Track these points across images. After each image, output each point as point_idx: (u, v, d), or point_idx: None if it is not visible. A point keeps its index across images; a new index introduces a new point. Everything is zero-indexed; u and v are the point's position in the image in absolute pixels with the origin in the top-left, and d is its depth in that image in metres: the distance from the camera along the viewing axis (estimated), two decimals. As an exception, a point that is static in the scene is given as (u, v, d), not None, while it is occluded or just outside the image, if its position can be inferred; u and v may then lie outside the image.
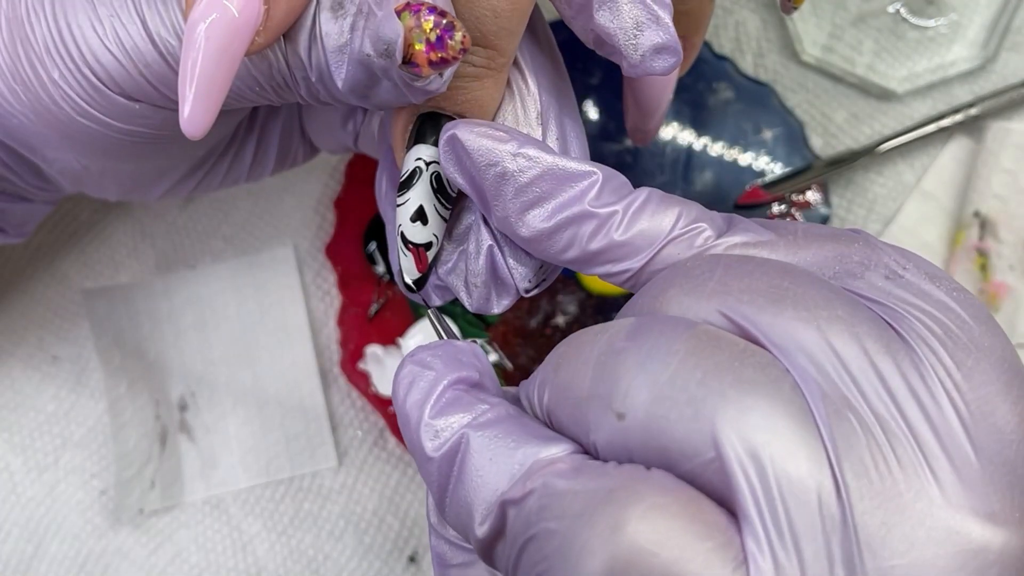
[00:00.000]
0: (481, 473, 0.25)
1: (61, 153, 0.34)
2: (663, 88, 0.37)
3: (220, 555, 0.47)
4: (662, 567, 0.21)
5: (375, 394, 0.47)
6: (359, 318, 0.48)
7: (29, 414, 0.48)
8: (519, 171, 0.28)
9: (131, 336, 0.48)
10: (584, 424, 0.24)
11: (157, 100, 0.31)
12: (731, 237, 0.27)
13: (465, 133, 0.28)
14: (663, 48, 0.29)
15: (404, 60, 0.26)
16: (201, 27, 0.26)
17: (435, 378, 0.27)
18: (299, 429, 0.48)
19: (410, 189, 0.30)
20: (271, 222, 0.50)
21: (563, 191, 0.28)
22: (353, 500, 0.48)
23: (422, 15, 0.26)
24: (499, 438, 0.25)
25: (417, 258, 0.30)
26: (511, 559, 0.24)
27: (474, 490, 0.25)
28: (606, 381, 0.24)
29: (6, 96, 0.32)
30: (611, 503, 0.22)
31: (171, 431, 0.48)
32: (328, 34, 0.27)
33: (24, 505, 0.47)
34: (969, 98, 0.50)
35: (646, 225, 0.27)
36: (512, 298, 0.31)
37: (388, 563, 0.47)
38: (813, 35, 0.50)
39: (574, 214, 0.27)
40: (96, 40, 0.29)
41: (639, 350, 0.24)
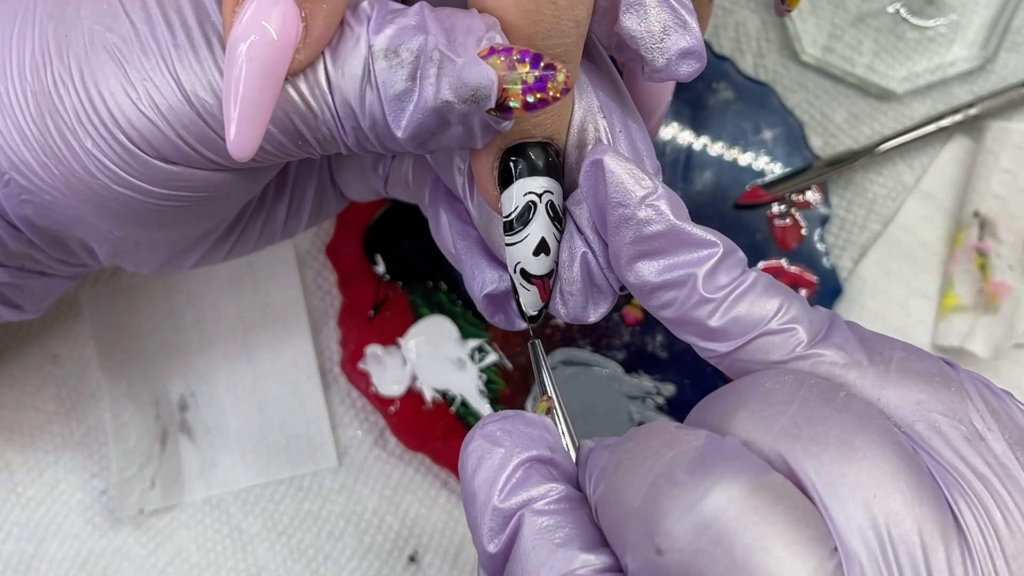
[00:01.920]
0: (523, 562, 0.26)
1: (95, 225, 0.33)
2: (663, 88, 0.37)
3: (220, 555, 0.47)
4: None
5: (375, 394, 0.47)
6: (359, 318, 0.48)
7: (30, 413, 0.48)
8: (645, 221, 0.27)
9: (131, 336, 0.48)
10: (623, 541, 0.24)
11: (195, 161, 0.30)
12: (823, 350, 0.26)
13: (612, 163, 0.28)
14: (689, 53, 0.29)
15: (496, 105, 0.26)
16: (242, 47, 0.26)
17: (504, 458, 0.27)
18: (299, 429, 0.48)
19: (529, 224, 0.29)
20: (271, 222, 0.50)
21: (680, 254, 0.27)
22: (353, 500, 0.48)
23: (514, 58, 0.26)
24: (548, 530, 0.26)
25: (542, 289, 0.30)
26: None
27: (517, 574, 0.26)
28: (656, 509, 0.24)
29: (37, 172, 0.31)
30: None
31: (171, 431, 0.48)
32: (385, 83, 0.27)
33: (24, 504, 0.47)
34: (969, 98, 0.50)
35: (743, 312, 0.27)
36: (610, 304, 0.31)
37: (388, 563, 0.47)
38: (813, 35, 0.50)
39: (681, 279, 0.27)
40: (129, 104, 0.29)
41: (694, 490, 0.23)
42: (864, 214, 0.50)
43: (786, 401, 0.25)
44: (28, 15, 0.30)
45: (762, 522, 0.22)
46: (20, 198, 0.32)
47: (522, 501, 0.26)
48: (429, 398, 0.47)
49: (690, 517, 0.23)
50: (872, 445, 0.24)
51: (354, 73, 0.27)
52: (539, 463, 0.27)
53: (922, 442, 0.24)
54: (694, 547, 0.23)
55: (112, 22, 0.29)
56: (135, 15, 0.29)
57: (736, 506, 0.23)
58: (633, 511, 0.24)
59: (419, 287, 0.48)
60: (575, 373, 0.48)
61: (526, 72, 0.26)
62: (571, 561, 0.25)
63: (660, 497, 0.24)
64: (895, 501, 0.23)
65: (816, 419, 0.24)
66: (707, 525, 0.23)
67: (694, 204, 0.49)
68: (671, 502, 0.23)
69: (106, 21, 0.29)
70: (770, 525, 0.22)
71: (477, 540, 0.27)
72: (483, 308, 0.33)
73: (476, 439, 0.28)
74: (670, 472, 0.24)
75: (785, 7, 0.34)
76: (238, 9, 0.26)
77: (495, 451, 0.27)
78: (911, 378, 0.26)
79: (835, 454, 0.23)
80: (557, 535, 0.26)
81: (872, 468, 0.23)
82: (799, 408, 0.24)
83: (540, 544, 0.26)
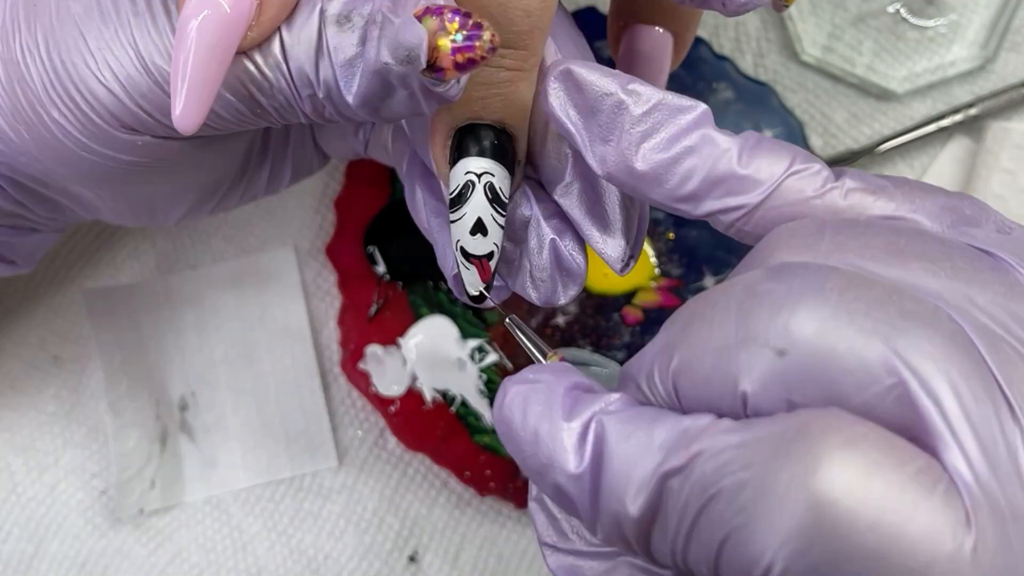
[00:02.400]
0: (624, 454, 0.23)
1: (71, 184, 0.33)
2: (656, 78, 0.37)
3: (220, 555, 0.47)
4: (878, 499, 0.20)
5: (375, 394, 0.47)
6: (359, 318, 0.48)
7: (30, 414, 0.48)
8: (634, 103, 0.27)
9: (132, 336, 0.48)
10: (731, 372, 0.22)
11: (156, 130, 0.30)
12: (849, 180, 0.26)
13: (579, 68, 0.28)
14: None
15: (428, 65, 0.26)
16: (193, 23, 0.26)
17: (550, 387, 0.25)
18: (299, 429, 0.48)
19: (465, 203, 0.30)
20: (271, 222, 0.50)
21: (677, 120, 0.27)
22: (353, 500, 0.48)
23: (445, 17, 0.26)
24: (634, 418, 0.24)
25: (480, 269, 0.30)
26: (682, 533, 0.22)
27: (620, 473, 0.23)
28: (758, 321, 0.22)
29: (10, 136, 0.31)
30: (806, 438, 0.21)
31: (171, 431, 0.48)
32: (337, 48, 0.27)
33: (24, 505, 0.47)
34: (969, 98, 0.50)
35: (764, 161, 0.27)
36: (579, 286, 0.31)
37: (388, 563, 0.47)
38: (813, 35, 0.50)
39: (694, 142, 0.27)
40: (90, 75, 0.29)
41: (790, 289, 0.22)
42: (864, 214, 0.50)
43: (818, 231, 0.25)
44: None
45: (869, 293, 0.22)
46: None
47: (590, 414, 0.24)
48: (429, 398, 0.47)
49: (804, 308, 0.22)
50: (916, 241, 0.24)
51: (309, 39, 0.27)
52: (583, 389, 0.26)
53: (962, 238, 0.25)
54: (817, 331, 0.22)
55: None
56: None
57: (839, 286, 0.22)
58: (732, 340, 0.23)
59: (419, 287, 0.48)
60: (575, 373, 0.48)
61: (455, 31, 0.26)
62: (680, 423, 0.23)
63: (756, 311, 0.23)
64: (962, 275, 0.23)
65: (855, 234, 0.24)
66: (821, 308, 0.22)
67: (694, 204, 0.49)
68: (772, 306, 0.22)
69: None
70: (876, 294, 0.22)
71: (556, 471, 0.24)
72: (452, 286, 0.33)
73: (511, 389, 0.26)
74: (752, 290, 0.23)
75: (783, 2, 0.34)
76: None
77: (538, 387, 0.25)
78: (934, 193, 0.26)
79: (889, 251, 0.23)
80: (644, 420, 0.23)
81: (927, 254, 0.23)
82: (833, 232, 0.24)
83: (635, 431, 0.23)
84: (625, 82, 0.28)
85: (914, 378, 0.21)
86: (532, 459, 0.25)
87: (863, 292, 0.22)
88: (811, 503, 0.20)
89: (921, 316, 0.22)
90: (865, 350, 0.21)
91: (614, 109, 0.27)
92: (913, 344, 0.21)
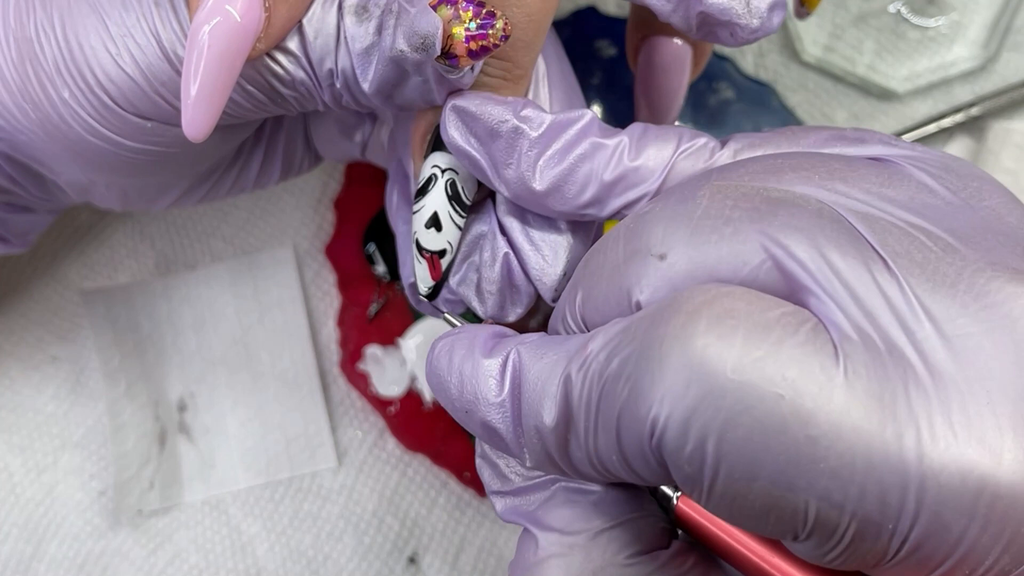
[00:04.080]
0: (538, 373, 0.25)
1: (68, 168, 0.34)
2: (676, 90, 0.38)
3: (219, 556, 0.47)
4: (743, 338, 0.21)
5: (375, 394, 0.47)
6: (359, 318, 0.48)
7: (28, 415, 0.48)
8: (529, 127, 0.28)
9: (130, 337, 0.48)
10: (624, 287, 0.24)
11: (170, 117, 0.31)
12: (733, 144, 0.28)
13: (470, 100, 0.29)
14: (776, 4, 0.31)
15: (442, 52, 0.27)
16: (205, 29, 0.26)
17: (471, 333, 0.27)
18: (299, 429, 0.48)
19: (425, 196, 0.30)
20: (271, 222, 0.50)
21: (565, 134, 0.28)
22: (353, 500, 0.48)
23: (460, 6, 0.27)
24: (546, 342, 0.26)
25: (431, 266, 0.31)
26: (589, 429, 0.24)
27: (535, 390, 0.25)
28: (640, 236, 0.25)
29: (14, 114, 0.32)
30: (676, 303, 0.22)
31: (170, 432, 0.48)
32: (354, 37, 0.28)
33: (23, 506, 0.47)
34: (970, 98, 0.50)
35: (652, 149, 0.28)
36: (526, 306, 0.32)
37: (388, 564, 0.47)
38: (814, 35, 0.50)
39: (585, 150, 0.28)
40: (109, 59, 0.29)
41: (665, 204, 0.25)
42: (865, 214, 0.50)
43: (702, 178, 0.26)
44: None
45: (736, 192, 0.24)
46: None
47: (509, 349, 0.26)
48: (428, 399, 0.47)
49: (677, 217, 0.24)
50: (794, 156, 0.26)
51: (328, 32, 0.28)
52: (502, 335, 0.27)
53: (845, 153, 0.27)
54: (691, 232, 0.24)
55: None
56: None
57: (708, 193, 0.24)
58: (620, 260, 0.25)
59: (419, 287, 0.48)
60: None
61: (468, 19, 0.27)
62: (582, 336, 0.25)
63: (638, 229, 0.25)
64: (837, 175, 0.25)
65: (736, 167, 0.26)
66: (692, 212, 0.24)
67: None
68: (650, 222, 0.25)
69: None
70: (744, 192, 0.24)
71: (480, 403, 0.26)
72: (409, 295, 0.34)
73: (438, 343, 0.28)
74: (635, 215, 0.25)
75: (805, 9, 0.35)
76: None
77: (461, 335, 0.27)
78: (817, 130, 0.28)
79: (767, 170, 0.25)
80: (555, 342, 0.25)
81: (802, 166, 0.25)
82: (716, 176, 0.26)
83: (547, 352, 0.25)
84: (518, 108, 0.29)
85: (781, 251, 0.22)
86: (459, 400, 0.27)
87: (730, 192, 0.24)
88: (682, 353, 0.21)
89: (786, 199, 0.24)
90: (735, 237, 0.23)
91: (511, 134, 0.29)
92: (779, 222, 0.23)
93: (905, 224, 0.23)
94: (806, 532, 0.22)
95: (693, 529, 0.26)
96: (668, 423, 0.22)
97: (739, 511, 0.22)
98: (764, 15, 0.31)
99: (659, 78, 0.37)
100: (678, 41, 0.36)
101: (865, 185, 0.24)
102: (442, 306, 0.33)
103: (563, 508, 0.27)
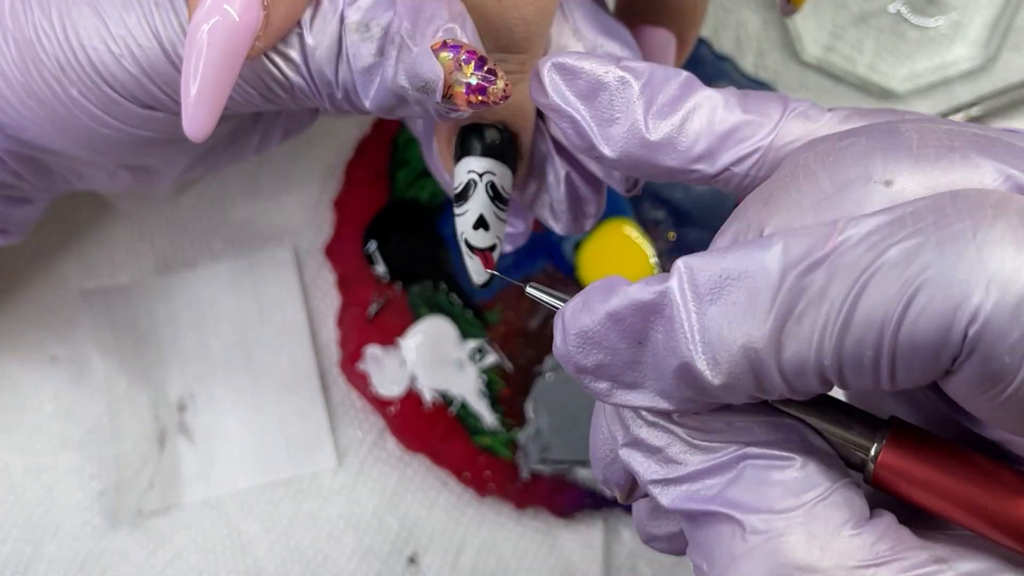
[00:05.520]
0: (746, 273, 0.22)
1: (74, 155, 0.34)
2: None
3: (219, 556, 0.47)
4: None
5: (374, 394, 0.47)
6: (359, 318, 0.48)
7: (28, 415, 0.48)
8: (634, 76, 0.27)
9: (130, 337, 0.48)
10: (844, 216, 0.22)
11: (174, 108, 0.31)
12: (840, 112, 0.27)
13: (570, 59, 0.27)
14: None
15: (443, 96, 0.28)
16: (204, 28, 0.27)
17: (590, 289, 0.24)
18: (298, 429, 0.48)
19: (468, 200, 0.31)
20: (271, 222, 0.50)
21: (670, 86, 0.27)
22: (352, 501, 0.48)
23: (461, 58, 0.27)
24: (715, 254, 0.23)
25: (484, 260, 0.32)
26: (836, 322, 0.21)
27: (741, 297, 0.22)
28: (853, 166, 0.23)
29: (19, 111, 0.32)
30: (964, 195, 0.21)
31: (170, 432, 0.48)
32: (356, 55, 0.28)
33: (23, 506, 0.47)
34: (970, 98, 0.50)
35: (761, 104, 0.27)
36: (597, 211, 0.33)
37: (388, 564, 0.47)
38: (814, 35, 0.50)
39: (696, 101, 0.27)
40: (112, 60, 0.30)
41: (868, 136, 0.23)
42: (865, 214, 0.50)
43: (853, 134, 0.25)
44: None
45: (943, 126, 0.24)
46: (3, 132, 0.33)
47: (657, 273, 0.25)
48: (429, 399, 0.47)
49: (894, 146, 0.23)
50: None
51: (330, 44, 0.29)
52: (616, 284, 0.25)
53: None
54: (916, 157, 0.23)
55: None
56: None
57: (912, 126, 0.24)
58: (829, 191, 0.23)
59: (419, 287, 0.48)
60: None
61: (470, 73, 0.27)
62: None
63: (845, 161, 0.23)
64: None
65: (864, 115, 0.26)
66: (909, 140, 0.23)
67: (694, 204, 0.48)
68: (859, 153, 0.23)
69: None
70: (949, 127, 0.24)
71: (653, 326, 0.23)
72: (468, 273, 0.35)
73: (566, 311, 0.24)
74: (828, 151, 0.24)
75: (791, 7, 0.35)
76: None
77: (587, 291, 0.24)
78: None
79: None
80: (731, 248, 0.23)
81: None
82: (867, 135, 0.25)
83: (729, 254, 0.23)
84: (618, 60, 0.28)
85: (1017, 172, 0.22)
86: (622, 334, 0.24)
87: (937, 128, 0.23)
88: (1002, 240, 0.21)
89: (998, 138, 0.23)
90: (964, 162, 0.22)
91: (618, 86, 0.27)
92: (1004, 151, 0.23)
93: None
94: None
95: (893, 489, 0.24)
96: (996, 309, 0.20)
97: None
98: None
99: None
100: (662, 30, 0.36)
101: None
102: (506, 242, 0.35)
103: (762, 485, 0.24)
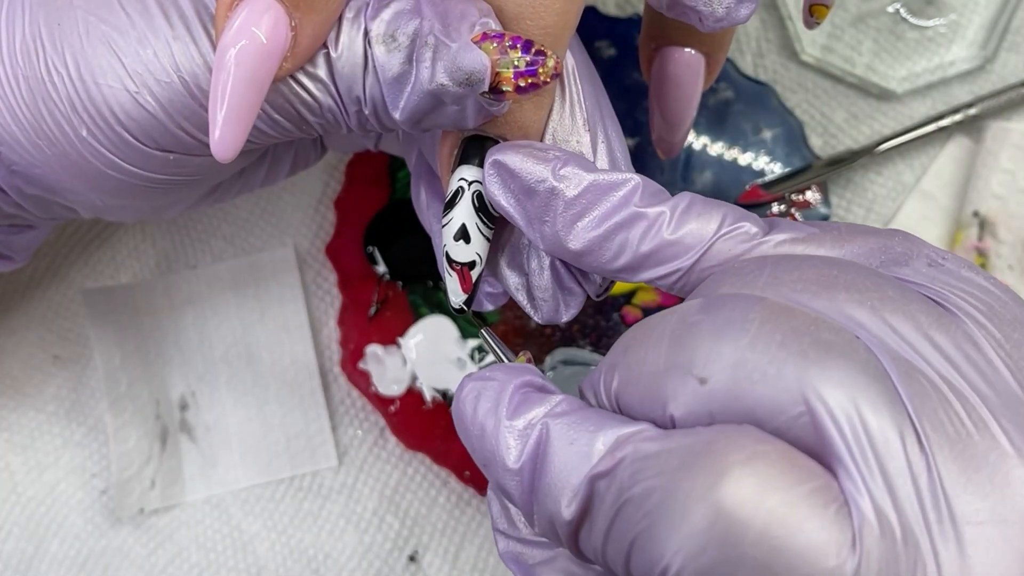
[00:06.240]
0: (564, 459, 0.25)
1: (84, 196, 0.33)
2: (689, 100, 0.38)
3: (220, 554, 0.47)
4: (768, 513, 0.21)
5: (375, 394, 0.47)
6: (359, 318, 0.48)
7: (29, 413, 0.48)
8: (566, 186, 0.28)
9: (132, 336, 0.48)
10: (660, 396, 0.24)
11: (193, 149, 0.30)
12: (777, 235, 0.27)
13: (509, 156, 0.29)
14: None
15: (490, 88, 0.27)
16: (231, 52, 0.26)
17: (500, 385, 0.27)
18: (299, 429, 0.48)
19: (453, 208, 0.30)
20: (271, 222, 0.50)
21: (608, 199, 0.28)
22: (353, 499, 0.48)
23: (506, 43, 0.27)
24: (577, 424, 0.25)
25: (462, 278, 0.31)
26: (601, 532, 0.24)
27: (559, 477, 0.25)
28: (684, 350, 0.24)
29: (28, 150, 0.31)
30: (711, 453, 0.22)
31: (171, 430, 0.48)
32: (384, 67, 0.28)
33: (25, 504, 0.47)
34: (968, 98, 0.50)
35: (694, 225, 0.28)
36: (579, 304, 0.32)
37: (388, 563, 0.47)
38: (812, 35, 0.50)
39: (623, 218, 0.28)
40: (128, 98, 0.29)
41: (715, 320, 0.24)
42: (864, 214, 0.50)
43: (758, 268, 0.26)
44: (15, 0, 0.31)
45: (787, 324, 0.23)
46: (10, 169, 0.33)
47: (533, 416, 0.26)
48: (429, 398, 0.47)
49: (723, 340, 0.23)
50: (848, 272, 0.25)
51: (355, 60, 0.28)
52: (534, 388, 0.27)
53: (892, 274, 0.26)
54: (734, 362, 0.23)
55: (107, 13, 0.29)
56: (130, 6, 0.29)
57: (760, 317, 0.23)
58: (661, 367, 0.24)
59: (419, 287, 0.48)
60: (575, 372, 0.48)
61: (518, 57, 0.27)
62: (619, 431, 0.24)
63: (684, 340, 0.24)
64: (889, 305, 0.24)
65: (791, 268, 0.26)
66: (739, 340, 0.23)
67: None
68: (697, 336, 0.24)
69: (100, 12, 0.29)
70: (794, 325, 0.23)
71: (496, 464, 0.26)
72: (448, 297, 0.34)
73: (468, 383, 0.28)
74: (684, 320, 0.25)
75: (815, 20, 0.35)
76: (230, 14, 0.27)
77: (490, 384, 0.27)
78: (864, 235, 0.27)
79: (820, 283, 0.25)
80: (588, 425, 0.25)
81: (856, 285, 0.24)
82: (772, 268, 0.26)
83: (577, 437, 0.25)
84: (558, 166, 0.28)
85: (821, 405, 0.22)
86: (478, 452, 0.27)
87: (782, 323, 0.23)
88: (707, 512, 0.21)
89: (835, 346, 0.23)
90: (777, 380, 0.23)
91: (547, 194, 0.28)
92: (823, 374, 0.22)
93: (945, 385, 0.23)
94: None
95: None
96: (680, 574, 0.22)
97: None
98: (731, 5, 0.31)
99: (672, 88, 0.37)
100: (691, 51, 0.36)
101: (915, 323, 0.24)
102: (484, 300, 0.33)
103: None
